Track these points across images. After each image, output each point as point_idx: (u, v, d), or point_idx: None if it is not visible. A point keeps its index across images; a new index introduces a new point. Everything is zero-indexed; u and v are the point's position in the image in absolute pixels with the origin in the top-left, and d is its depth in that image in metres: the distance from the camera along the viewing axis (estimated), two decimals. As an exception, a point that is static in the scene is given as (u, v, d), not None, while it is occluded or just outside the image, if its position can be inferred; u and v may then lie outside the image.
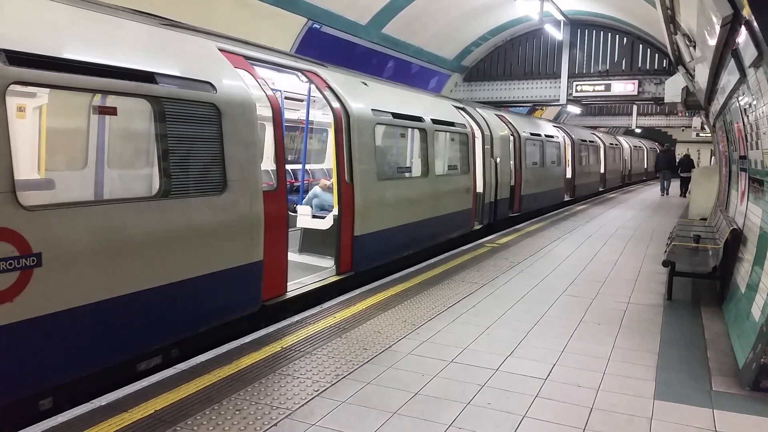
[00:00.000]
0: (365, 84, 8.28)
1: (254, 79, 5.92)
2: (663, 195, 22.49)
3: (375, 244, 7.71)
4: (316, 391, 3.96)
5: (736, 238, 6.58)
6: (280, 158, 6.12)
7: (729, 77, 6.47)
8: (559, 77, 18.78)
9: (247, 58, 5.94)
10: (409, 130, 9.43)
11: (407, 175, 9.37)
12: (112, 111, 5.05)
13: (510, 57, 19.80)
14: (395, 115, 8.46)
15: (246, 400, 3.80)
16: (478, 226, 11.90)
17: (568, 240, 10.76)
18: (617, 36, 18.40)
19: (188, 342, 5.00)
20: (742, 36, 4.89)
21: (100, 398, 3.75)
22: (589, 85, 18.30)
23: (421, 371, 4.35)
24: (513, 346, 4.95)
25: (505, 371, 4.40)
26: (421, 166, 9.41)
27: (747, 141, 6.28)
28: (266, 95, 5.97)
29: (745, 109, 6.05)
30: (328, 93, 7.17)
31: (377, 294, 6.51)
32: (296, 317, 5.61)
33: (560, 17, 17.05)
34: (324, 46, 13.12)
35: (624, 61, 18.29)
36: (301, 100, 8.77)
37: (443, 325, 5.44)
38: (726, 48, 5.90)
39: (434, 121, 9.63)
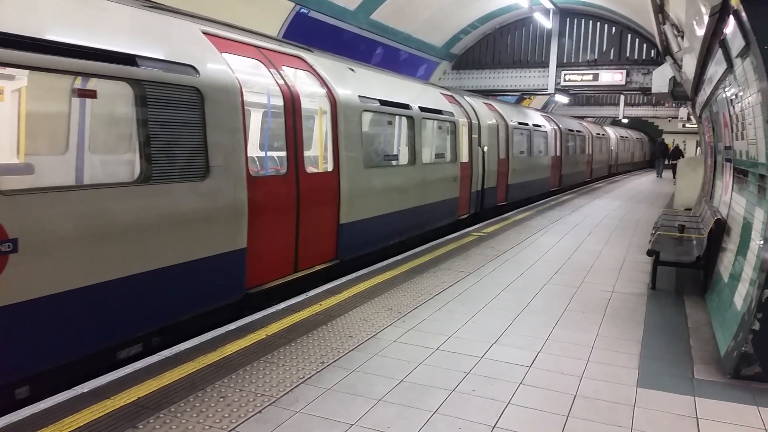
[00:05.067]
0: (352, 70, 8.14)
1: (265, 67, 6.01)
2: (658, 177, 28.47)
3: (361, 232, 7.64)
4: (301, 378, 3.95)
5: (720, 228, 6.64)
6: (291, 144, 6.19)
7: (716, 68, 6.49)
8: (548, 66, 18.79)
9: (232, 41, 5.82)
10: (397, 117, 9.29)
11: (394, 163, 9.24)
12: (93, 94, 4.89)
13: (499, 45, 19.76)
14: (382, 102, 8.36)
15: (230, 387, 3.79)
16: (464, 215, 11.82)
17: (554, 229, 10.81)
18: (606, 25, 18.42)
19: (170, 330, 4.93)
20: (730, 26, 4.90)
21: (82, 385, 3.72)
22: (577, 74, 18.32)
23: (407, 359, 4.35)
24: (498, 333, 4.97)
25: (490, 359, 4.41)
26: (408, 154, 9.31)
27: (732, 132, 6.32)
28: (278, 84, 6.04)
29: (731, 99, 6.07)
30: (313, 79, 7.04)
31: (363, 282, 6.50)
32: (282, 305, 5.58)
33: (549, 5, 17.04)
34: (311, 32, 13.01)
35: (612, 50, 18.33)
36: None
37: (429, 313, 5.45)
38: (714, 38, 5.91)
39: (422, 109, 9.56)
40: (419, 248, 8.60)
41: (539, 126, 17.67)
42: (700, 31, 6.08)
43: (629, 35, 18.11)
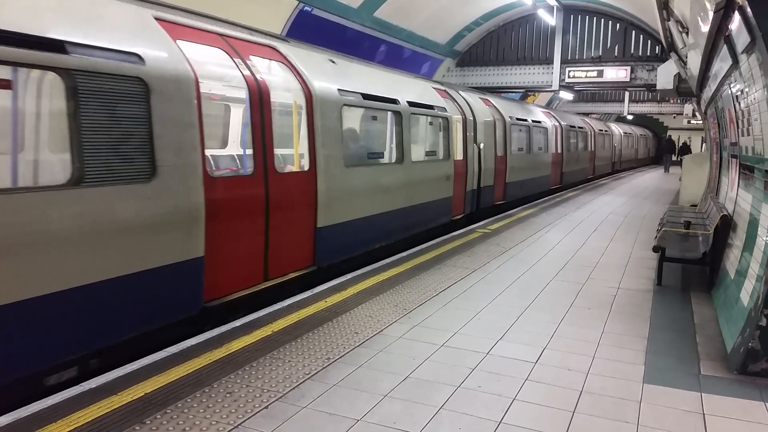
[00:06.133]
0: (333, 62, 7.55)
1: (229, 56, 5.49)
2: (665, 172, 29.21)
3: (341, 236, 7.10)
4: (307, 374, 3.96)
5: (726, 224, 6.62)
6: (258, 142, 5.64)
7: (721, 64, 6.47)
8: (552, 63, 18.76)
9: (190, 28, 5.29)
10: (382, 112, 8.65)
11: (380, 161, 8.58)
12: (7, 84, 4.26)
13: (503, 42, 19.73)
14: (366, 96, 7.76)
15: (237, 383, 3.80)
16: (459, 216, 11.31)
17: (559, 226, 10.79)
18: (610, 22, 18.37)
19: (115, 350, 4.43)
20: (735, 22, 4.88)
21: (89, 381, 3.74)
22: (582, 71, 18.29)
23: (412, 355, 4.36)
24: (504, 330, 4.97)
25: (496, 355, 4.42)
26: (395, 151, 8.75)
27: (738, 127, 6.30)
28: (243, 75, 5.52)
29: (736, 95, 6.05)
30: (287, 70, 6.46)
31: (369, 279, 6.51)
32: (287, 301, 5.59)
33: (553, 2, 17.02)
34: (315, 30, 13.01)
35: (617, 47, 18.28)
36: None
37: (434, 310, 5.45)
38: (719, 34, 5.89)
39: (411, 104, 8.98)
40: (423, 245, 8.60)
41: (539, 122, 17.11)
42: (705, 27, 6.06)
43: (633, 32, 18.05)
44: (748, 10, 4.24)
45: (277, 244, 5.98)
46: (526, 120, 15.74)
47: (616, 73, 17.88)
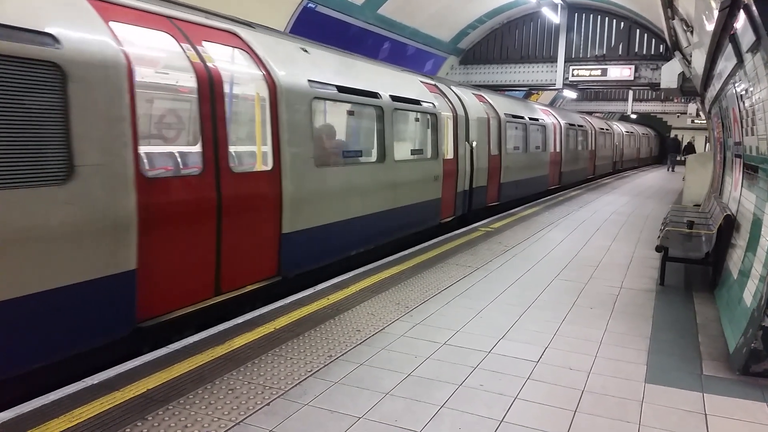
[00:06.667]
0: (305, 51, 6.89)
1: (176, 41, 4.92)
2: (670, 171, 29.74)
3: (311, 242, 6.49)
4: (309, 371, 3.97)
5: (730, 224, 6.60)
6: (208, 138, 5.06)
7: (726, 63, 6.44)
8: (556, 61, 18.74)
9: (127, 8, 4.69)
10: (361, 107, 7.96)
11: (357, 160, 7.92)
12: None
13: (507, 40, 19.71)
14: (342, 89, 7.10)
15: (239, 379, 3.81)
16: (449, 218, 10.69)
17: (561, 225, 10.78)
18: (614, 20, 18.34)
19: (24, 381, 3.89)
20: (741, 21, 4.86)
21: (92, 377, 3.74)
22: (586, 69, 18.27)
23: (414, 353, 4.36)
24: (506, 328, 4.96)
25: (498, 353, 4.41)
26: (376, 150, 8.10)
27: (742, 127, 6.28)
28: (191, 62, 4.94)
29: (741, 95, 6.03)
30: (248, 59, 5.85)
31: (371, 276, 6.51)
32: (289, 299, 5.60)
33: (558, 0, 16.95)
34: (318, 27, 13.01)
35: (621, 46, 18.25)
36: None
37: (436, 308, 5.45)
38: (724, 33, 5.87)
39: (394, 98, 8.32)
40: (426, 243, 8.59)
41: (536, 120, 16.46)
42: (710, 26, 6.04)
43: (638, 30, 18.02)
44: (754, 8, 4.22)
45: (232, 253, 5.37)
46: (522, 117, 15.13)
47: (620, 72, 17.86)
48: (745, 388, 3.96)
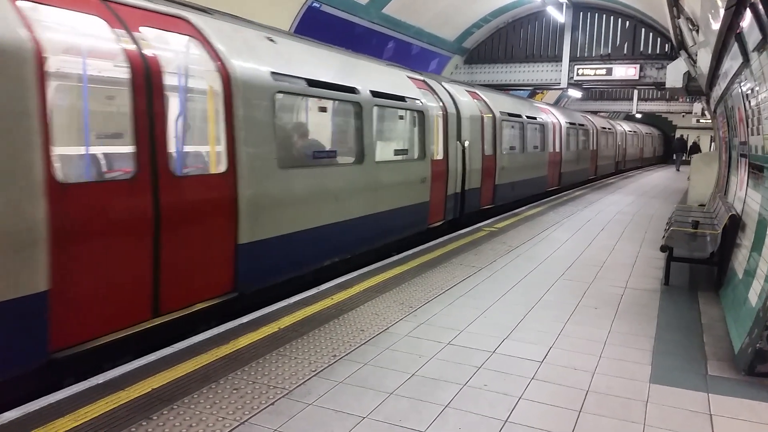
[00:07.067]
0: (271, 40, 6.23)
1: (108, 26, 4.33)
2: (677, 170, 29.80)
3: (275, 253, 5.84)
4: (314, 371, 3.97)
5: (735, 224, 6.58)
6: (143, 136, 4.42)
7: (732, 62, 6.42)
8: (561, 60, 18.72)
9: None
10: (336, 103, 7.34)
11: (331, 161, 7.21)
12: None
13: (511, 39, 19.69)
14: (312, 83, 6.42)
15: (243, 379, 3.81)
16: (438, 223, 10.03)
17: (566, 225, 10.76)
18: (619, 19, 18.31)
19: None
20: (747, 19, 4.84)
21: (97, 376, 3.76)
22: (591, 68, 18.24)
23: (419, 353, 4.36)
24: (510, 328, 4.96)
25: (502, 353, 4.41)
26: (354, 149, 7.44)
27: (748, 127, 6.26)
28: (124, 50, 4.35)
29: (747, 94, 6.01)
30: (199, 47, 5.25)
31: (375, 276, 6.51)
32: (293, 299, 5.61)
33: (562, -1, 16.93)
34: (323, 26, 13.03)
35: (626, 45, 18.22)
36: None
37: (441, 308, 5.45)
38: (729, 32, 5.85)
39: (375, 94, 7.65)
40: (429, 243, 8.59)
41: (534, 118, 15.71)
42: (716, 25, 6.02)
43: (643, 29, 17.98)
44: (760, 7, 4.20)
45: (175, 268, 4.73)
46: (519, 116, 14.45)
47: (625, 71, 17.82)
48: (750, 389, 3.94)
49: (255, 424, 3.27)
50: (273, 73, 5.80)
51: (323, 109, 7.50)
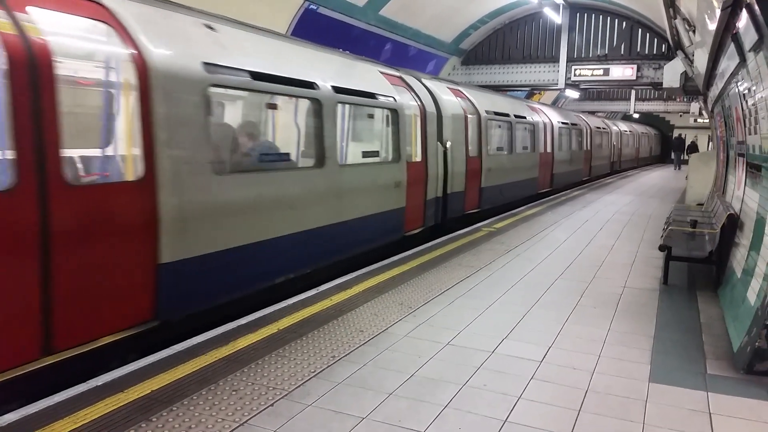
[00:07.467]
0: (210, 28, 5.44)
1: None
2: (676, 169, 30.26)
3: (209, 272, 5.07)
4: (313, 372, 3.97)
5: (733, 223, 6.59)
6: (26, 138, 3.69)
7: (728, 62, 6.44)
8: (558, 61, 18.75)
9: None
10: (289, 99, 6.61)
11: (283, 165, 6.53)
12: None
13: (509, 40, 19.74)
14: (258, 76, 5.62)
15: (242, 380, 3.81)
16: (417, 230, 9.28)
17: (564, 225, 10.77)
18: (616, 20, 18.36)
19: None
20: (743, 20, 4.85)
21: (96, 378, 3.75)
22: (588, 69, 18.28)
23: (418, 353, 4.36)
24: (509, 328, 4.96)
25: (501, 353, 4.41)
26: (313, 152, 6.65)
27: (745, 126, 6.27)
28: None
29: (744, 94, 6.03)
30: (110, 32, 4.46)
31: (374, 277, 6.51)
32: (292, 300, 5.60)
33: (560, 0, 16.96)
34: (320, 28, 13.03)
35: (623, 45, 18.28)
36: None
37: (440, 308, 5.45)
38: (726, 32, 5.86)
39: (338, 90, 6.85)
40: (429, 244, 8.59)
41: (524, 118, 14.93)
42: (712, 26, 6.03)
43: (640, 30, 18.04)
44: (756, 8, 4.21)
45: (72, 296, 3.99)
46: (507, 115, 13.68)
47: (623, 72, 17.87)
48: (749, 387, 3.95)
49: (254, 425, 3.27)
50: (206, 63, 5.01)
51: (272, 106, 6.82)
